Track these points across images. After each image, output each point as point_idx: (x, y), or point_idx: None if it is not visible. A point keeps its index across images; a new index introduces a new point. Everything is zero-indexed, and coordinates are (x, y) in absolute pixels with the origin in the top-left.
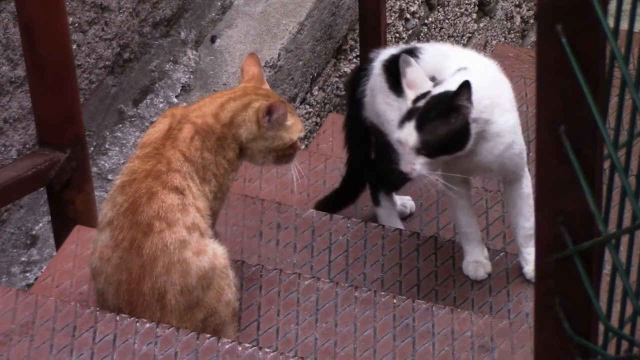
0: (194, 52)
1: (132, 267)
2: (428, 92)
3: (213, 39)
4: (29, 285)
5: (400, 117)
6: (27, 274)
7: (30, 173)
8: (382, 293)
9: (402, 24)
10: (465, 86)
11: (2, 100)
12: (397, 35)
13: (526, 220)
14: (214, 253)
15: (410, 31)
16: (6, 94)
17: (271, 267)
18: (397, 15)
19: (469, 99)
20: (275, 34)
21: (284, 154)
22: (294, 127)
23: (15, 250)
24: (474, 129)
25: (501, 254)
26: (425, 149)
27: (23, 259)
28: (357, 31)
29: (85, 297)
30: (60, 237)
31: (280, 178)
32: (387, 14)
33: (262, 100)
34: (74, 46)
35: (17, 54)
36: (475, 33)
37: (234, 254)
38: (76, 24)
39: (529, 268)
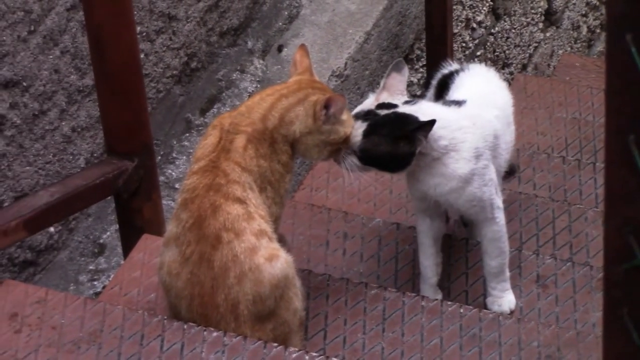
0: (261, 62)
1: (204, 280)
2: (395, 106)
3: (280, 49)
4: (97, 294)
5: (359, 109)
6: (95, 282)
7: (98, 182)
8: (449, 302)
9: (468, 34)
10: (430, 124)
11: (70, 109)
12: (464, 44)
13: (490, 259)
14: (286, 259)
15: (477, 41)
16: (74, 102)
17: (338, 276)
18: (463, 24)
19: (426, 135)
20: (341, 44)
21: (338, 148)
22: (348, 122)
23: (83, 259)
24: (417, 159)
25: (567, 264)
26: (361, 154)
27: (91, 267)
28: (424, 40)
29: (152, 305)
30: (127, 245)
31: (347, 187)
32: (453, 23)
33: (319, 94)
34: (142, 55)
35: (86, 63)
36: (542, 42)
37: (300, 262)
38: (144, 33)
39: (490, 300)
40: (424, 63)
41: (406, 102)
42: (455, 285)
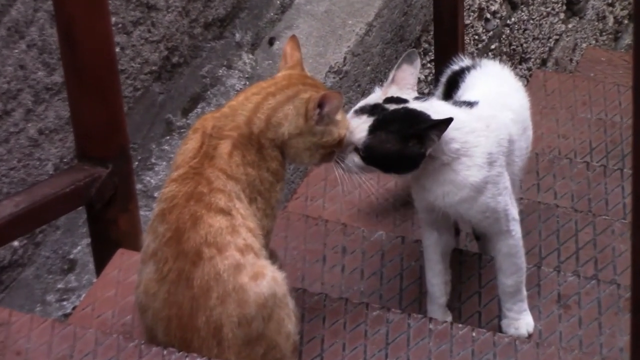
0: (250, 56)
1: (183, 301)
2: (405, 101)
3: (271, 42)
4: (67, 315)
5: (363, 102)
6: (64, 303)
7: (68, 190)
8: (460, 325)
9: (481, 25)
10: (446, 123)
11: (37, 109)
12: (476, 37)
13: (506, 277)
14: (273, 276)
15: (491, 33)
16: (42, 102)
17: (336, 296)
18: (476, 15)
19: (440, 135)
20: (340, 36)
21: (331, 151)
22: (343, 122)
23: (51, 277)
24: (424, 164)
25: (592, 282)
26: (364, 152)
27: (60, 285)
28: (432, 33)
29: (129, 328)
30: (101, 261)
31: (346, 196)
32: (465, 13)
33: (312, 91)
34: (118, 49)
35: (55, 57)
36: (563, 35)
37: (294, 280)
38: (120, 25)
39: (505, 322)
40: (432, 58)
41: (417, 98)
42: (466, 306)
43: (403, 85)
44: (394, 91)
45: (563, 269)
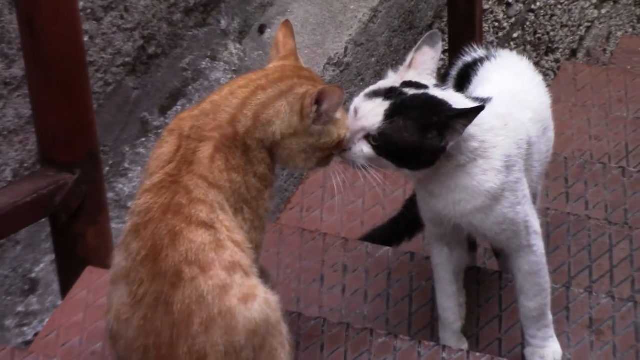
0: (238, 46)
1: (161, 328)
2: (425, 87)
3: (262, 29)
4: (27, 343)
5: (375, 86)
6: (25, 328)
7: (30, 199)
8: (477, 354)
9: (502, 10)
10: (475, 112)
11: None
12: (497, 24)
13: (528, 300)
14: (265, 298)
15: (513, 19)
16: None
17: (335, 321)
18: None
19: (465, 126)
20: (341, 23)
21: (330, 154)
22: (343, 122)
23: (9, 298)
24: (437, 163)
25: (628, 305)
26: (379, 141)
27: (20, 309)
28: (445, 19)
29: (98, 357)
30: (66, 281)
31: (347, 206)
32: None
33: (308, 85)
34: (86, 38)
35: (14, 47)
36: (596, 22)
37: (288, 303)
38: (88, 10)
39: (529, 350)
40: (446, 48)
41: (437, 86)
42: (485, 332)
43: (422, 70)
44: (411, 76)
45: (595, 289)
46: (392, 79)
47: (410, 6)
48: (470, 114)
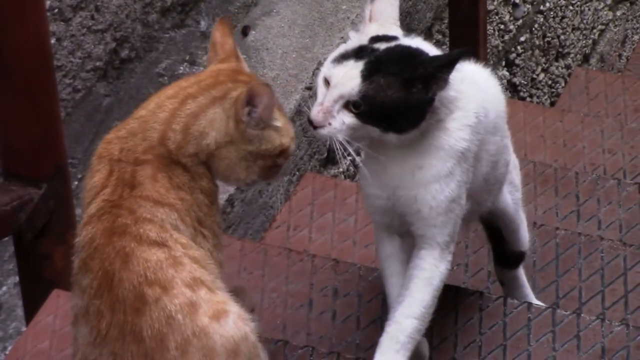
0: None
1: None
2: (395, 38)
3: (245, 31)
4: None
5: (343, 49)
6: None
7: None
8: None
9: (508, 12)
10: (459, 57)
11: None
12: (502, 26)
13: (404, 317)
14: (238, 314)
15: (520, 21)
16: None
17: (325, 350)
18: None
19: (449, 75)
20: (331, 25)
21: (273, 163)
22: (285, 130)
23: None
24: (431, 118)
25: None
26: (362, 106)
27: None
28: (446, 21)
29: None
30: (32, 305)
31: (338, 225)
32: None
33: (244, 89)
34: (53, 40)
35: None
36: (610, 24)
37: (273, 330)
38: (56, 10)
39: None
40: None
41: (405, 35)
42: None
43: (384, 20)
44: (375, 29)
45: (608, 316)
46: (356, 39)
47: (407, 7)
48: (454, 61)
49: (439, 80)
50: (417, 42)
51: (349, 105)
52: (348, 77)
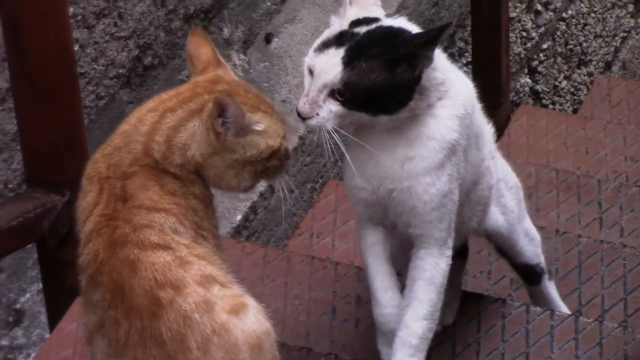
0: (242, 56)
1: None
2: (376, 20)
3: (268, 38)
4: None
5: (325, 37)
6: None
7: (15, 223)
8: None
9: (530, 19)
10: (439, 32)
11: None
12: (524, 34)
13: (414, 320)
14: (258, 308)
15: (542, 28)
16: None
17: (348, 357)
18: (524, 6)
19: (433, 50)
20: None
21: (267, 166)
22: (273, 131)
23: None
24: (414, 100)
25: None
26: (346, 93)
27: (3, 342)
28: (469, 28)
29: None
30: (55, 312)
31: None
32: (510, 4)
33: None
34: (77, 47)
35: None
36: (633, 32)
37: (296, 337)
38: (79, 17)
39: None
40: (469, 60)
41: (388, 16)
42: None
43: (364, 1)
44: (356, 12)
45: (630, 324)
46: (337, 25)
47: (430, 14)
48: (435, 37)
49: (423, 58)
50: (399, 21)
51: (334, 93)
52: (330, 65)
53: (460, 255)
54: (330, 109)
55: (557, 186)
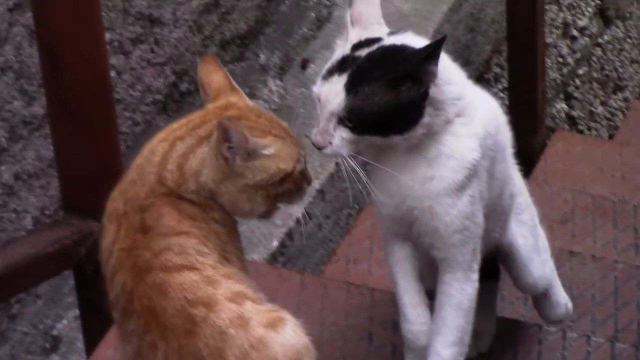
0: (278, 82)
1: None
2: (378, 40)
3: (305, 64)
4: None
5: (329, 64)
6: None
7: (52, 250)
8: None
9: (567, 44)
10: (439, 45)
11: (13, 147)
12: (561, 59)
13: (444, 347)
14: (296, 323)
15: (578, 54)
16: (19, 139)
17: None
18: (560, 32)
19: (436, 64)
20: None
21: (281, 190)
22: (285, 154)
23: (30, 357)
24: (431, 116)
25: None
26: (352, 120)
27: None
28: (505, 54)
29: None
30: (92, 338)
31: None
32: (546, 29)
33: None
34: (113, 74)
35: (35, 84)
36: None
37: None
38: (116, 43)
39: None
40: (505, 85)
41: (392, 33)
42: None
43: (367, 22)
44: (358, 34)
45: None
46: (340, 49)
47: (466, 39)
48: (435, 50)
49: (427, 74)
50: (403, 38)
51: (343, 120)
52: (334, 94)
53: (491, 276)
54: (342, 136)
55: (593, 212)
